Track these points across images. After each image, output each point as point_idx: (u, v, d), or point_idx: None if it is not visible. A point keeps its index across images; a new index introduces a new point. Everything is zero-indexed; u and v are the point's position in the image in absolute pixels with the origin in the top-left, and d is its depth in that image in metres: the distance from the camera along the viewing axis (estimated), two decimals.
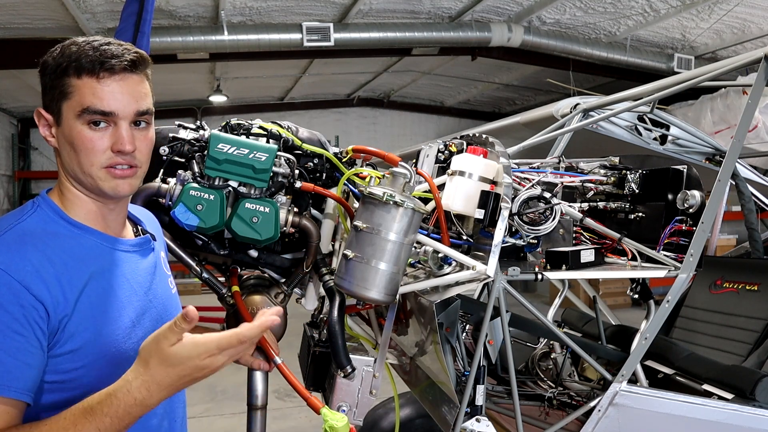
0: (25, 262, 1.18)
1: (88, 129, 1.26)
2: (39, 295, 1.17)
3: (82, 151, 1.27)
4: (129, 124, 1.29)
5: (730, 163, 2.26)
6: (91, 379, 1.24)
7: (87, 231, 1.32)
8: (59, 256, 1.23)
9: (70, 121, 1.27)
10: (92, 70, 1.25)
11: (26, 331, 1.15)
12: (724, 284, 3.19)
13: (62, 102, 1.27)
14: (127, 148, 1.28)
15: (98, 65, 1.25)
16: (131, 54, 1.29)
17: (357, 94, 14.08)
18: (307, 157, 1.89)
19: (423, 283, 1.95)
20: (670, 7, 7.74)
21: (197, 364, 1.15)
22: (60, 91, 1.27)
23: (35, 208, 1.31)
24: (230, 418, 5.23)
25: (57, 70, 1.27)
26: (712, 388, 2.31)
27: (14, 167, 13.07)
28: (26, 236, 1.23)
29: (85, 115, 1.26)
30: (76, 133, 1.26)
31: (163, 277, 1.50)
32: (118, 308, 1.31)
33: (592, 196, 2.61)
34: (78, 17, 7.31)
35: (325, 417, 1.63)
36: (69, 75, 1.26)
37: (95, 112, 1.26)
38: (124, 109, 1.28)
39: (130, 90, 1.29)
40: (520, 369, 2.82)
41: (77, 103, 1.26)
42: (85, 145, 1.27)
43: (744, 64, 2.52)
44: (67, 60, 1.26)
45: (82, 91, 1.26)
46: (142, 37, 2.84)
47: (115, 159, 1.29)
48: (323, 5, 7.85)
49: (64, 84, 1.26)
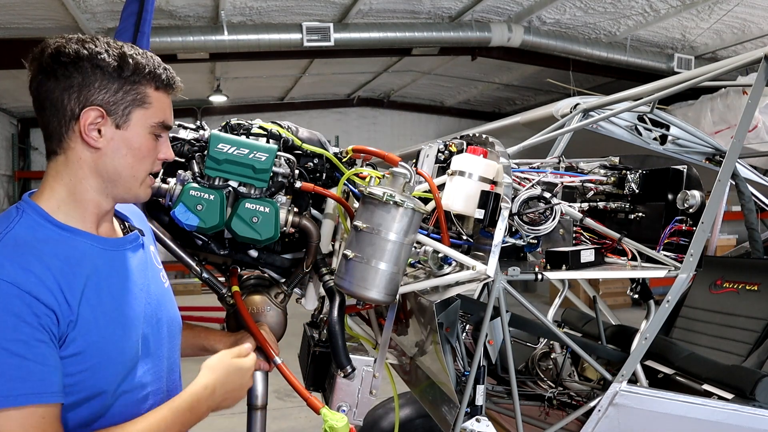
0: (28, 273, 1.17)
1: (153, 139, 1.36)
2: (48, 302, 1.18)
3: (143, 158, 1.35)
4: None
5: (730, 163, 2.26)
6: (98, 380, 1.25)
7: (76, 233, 1.31)
8: (55, 263, 1.22)
9: (139, 128, 1.33)
10: (167, 85, 1.36)
11: (45, 337, 1.17)
12: (724, 284, 3.19)
13: (135, 108, 1.31)
14: (172, 157, 1.42)
15: (170, 82, 1.36)
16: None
17: (357, 94, 14.08)
18: (307, 157, 1.89)
19: (423, 283, 1.95)
20: (670, 7, 7.74)
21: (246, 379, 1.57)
22: (135, 98, 1.31)
23: (20, 213, 1.28)
24: (230, 418, 5.22)
25: (133, 76, 1.29)
26: (712, 388, 2.31)
27: (14, 167, 13.07)
28: (20, 245, 1.21)
29: (158, 128, 1.35)
30: (144, 140, 1.34)
31: (155, 272, 1.49)
32: (116, 308, 1.31)
33: (592, 196, 2.61)
34: (78, 17, 7.31)
35: (325, 417, 1.63)
36: (144, 85, 1.32)
37: (166, 127, 1.38)
38: (172, 124, 1.43)
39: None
40: (520, 369, 2.82)
41: (154, 115, 1.34)
42: (150, 153, 1.36)
43: (744, 64, 2.52)
44: (140, 69, 1.30)
45: (160, 105, 1.35)
46: (142, 37, 2.83)
47: (158, 166, 1.41)
48: (323, 5, 7.85)
49: (141, 93, 1.31)
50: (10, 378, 1.12)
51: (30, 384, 1.13)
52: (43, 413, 1.15)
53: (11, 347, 1.12)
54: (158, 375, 1.41)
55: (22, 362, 1.13)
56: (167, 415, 1.32)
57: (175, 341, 1.52)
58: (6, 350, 1.12)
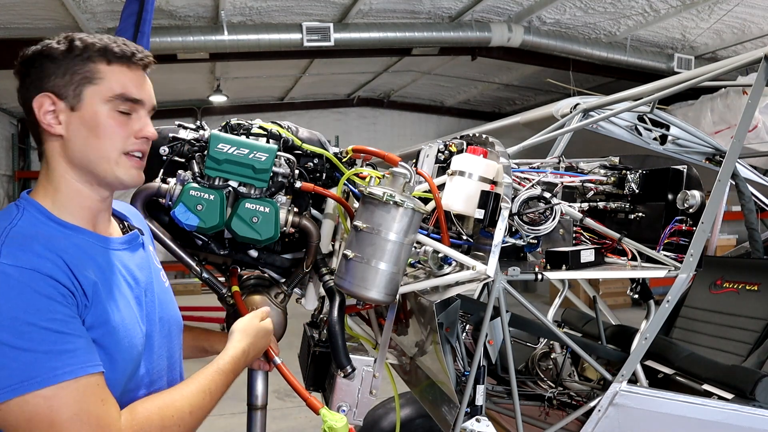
0: (41, 258, 1.19)
1: (116, 114, 1.30)
2: (66, 284, 1.19)
3: (107, 136, 1.30)
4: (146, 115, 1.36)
5: (730, 163, 2.26)
6: (109, 371, 1.24)
7: (78, 231, 1.31)
8: (64, 254, 1.23)
9: (95, 106, 1.29)
10: (123, 58, 1.31)
11: (75, 313, 1.20)
12: (724, 284, 3.19)
13: (85, 87, 1.28)
14: (151, 134, 1.35)
15: (129, 56, 1.31)
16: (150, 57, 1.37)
17: (357, 94, 14.07)
18: (307, 157, 1.89)
19: (423, 283, 1.95)
20: (670, 7, 7.74)
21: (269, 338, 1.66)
22: (83, 77, 1.28)
23: (21, 211, 1.28)
24: (230, 418, 5.21)
25: (77, 57, 1.28)
26: (712, 388, 2.31)
27: (14, 167, 13.06)
28: (27, 237, 1.22)
29: (116, 101, 1.30)
30: (104, 117, 1.29)
31: (155, 272, 1.50)
32: (124, 305, 1.31)
33: (592, 196, 2.61)
34: (78, 17, 7.31)
35: (324, 417, 1.63)
36: (94, 61, 1.29)
37: (128, 99, 1.31)
38: (147, 100, 1.36)
39: (148, 85, 1.37)
40: (520, 369, 2.82)
41: (108, 89, 1.29)
42: (112, 130, 1.30)
43: (744, 64, 2.52)
44: (89, 48, 1.28)
45: (115, 77, 1.30)
46: (142, 37, 2.84)
47: (136, 145, 1.34)
48: (323, 5, 7.85)
49: (89, 69, 1.28)
50: (59, 353, 1.14)
51: (79, 356, 1.16)
52: (96, 380, 1.18)
53: (51, 326, 1.14)
54: (159, 374, 1.42)
55: (66, 337, 1.15)
56: (216, 376, 1.40)
57: (176, 341, 1.52)
58: (47, 329, 1.14)
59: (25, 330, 1.12)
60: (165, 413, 1.26)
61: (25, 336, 1.12)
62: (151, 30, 2.92)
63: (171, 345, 1.49)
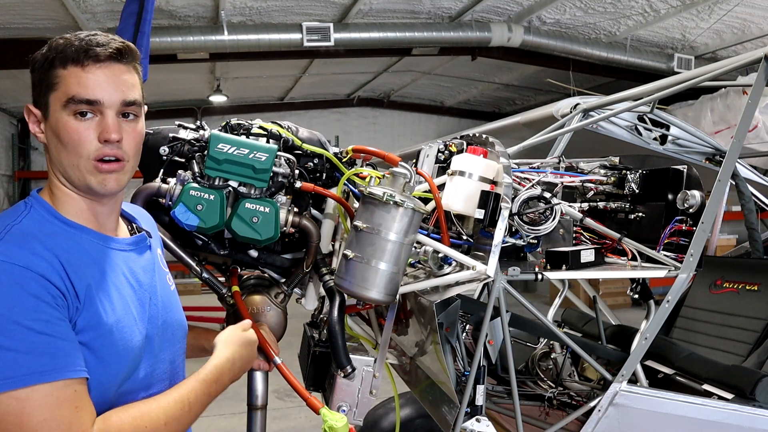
0: (37, 257, 1.19)
1: (74, 120, 1.25)
2: (58, 286, 1.19)
3: (69, 143, 1.26)
4: (116, 114, 1.28)
5: (730, 163, 2.26)
6: (99, 374, 1.24)
7: (82, 230, 1.31)
8: (62, 254, 1.23)
9: (56, 113, 1.26)
10: (77, 59, 1.24)
11: (63, 316, 1.19)
12: (724, 284, 3.19)
13: (49, 94, 1.26)
14: (113, 137, 1.26)
15: (83, 53, 1.24)
16: (117, 43, 1.28)
17: (357, 94, 14.08)
18: (307, 157, 1.89)
19: (423, 283, 1.95)
20: (670, 7, 7.75)
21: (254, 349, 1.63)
22: (47, 84, 1.26)
23: (28, 208, 1.29)
24: (230, 418, 5.23)
25: (44, 64, 1.26)
26: (712, 388, 2.31)
27: (14, 167, 13.07)
28: (28, 235, 1.22)
29: (71, 105, 1.24)
30: (63, 124, 1.25)
31: (161, 275, 1.49)
32: (122, 306, 1.31)
33: (592, 196, 2.61)
34: (78, 17, 7.31)
35: (324, 417, 1.63)
36: (55, 67, 1.25)
37: (80, 101, 1.24)
38: (109, 97, 1.26)
39: (116, 79, 1.27)
40: (520, 369, 2.82)
41: (63, 93, 1.25)
42: (71, 137, 1.25)
43: (744, 64, 2.52)
44: (54, 53, 1.26)
45: (67, 81, 1.24)
46: (142, 37, 2.84)
47: (102, 150, 1.27)
48: (323, 5, 7.85)
49: (51, 76, 1.26)
50: (39, 354, 1.13)
51: (59, 359, 1.15)
52: (74, 386, 1.16)
53: (35, 326, 1.14)
54: (160, 377, 1.41)
55: (48, 339, 1.14)
56: (196, 386, 1.37)
57: (179, 345, 1.51)
58: (31, 329, 1.13)
59: (8, 328, 1.12)
60: (138, 424, 1.23)
61: (8, 334, 1.11)
62: (151, 30, 2.92)
63: (174, 349, 1.48)
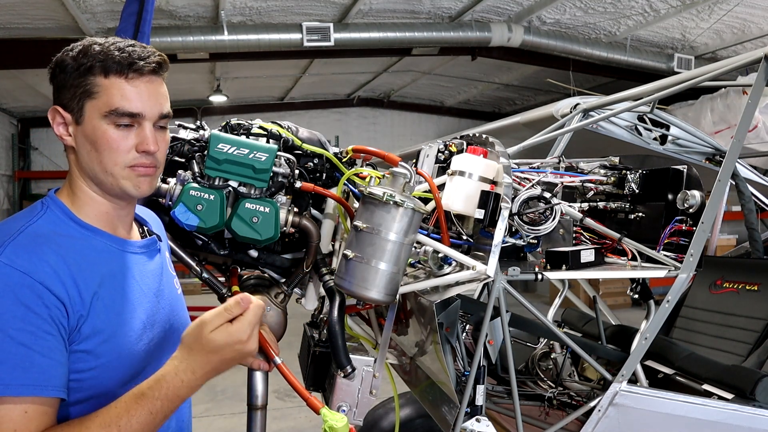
0: (43, 263, 1.18)
1: (113, 129, 1.27)
2: (59, 294, 1.18)
3: (107, 151, 1.28)
4: (153, 125, 1.31)
5: (730, 163, 2.26)
6: (104, 380, 1.25)
7: (96, 233, 1.33)
8: (72, 258, 1.23)
9: (94, 121, 1.27)
10: (120, 70, 1.26)
11: (54, 330, 1.17)
12: (724, 284, 3.19)
13: (86, 101, 1.27)
14: (152, 149, 1.30)
15: (126, 66, 1.27)
16: (156, 56, 1.32)
17: (357, 94, 14.08)
18: (307, 157, 1.89)
19: (423, 283, 1.95)
20: (670, 7, 7.74)
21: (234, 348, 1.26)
22: (84, 90, 1.27)
23: (45, 209, 1.30)
24: (230, 418, 5.23)
25: (80, 69, 1.27)
26: (712, 388, 2.31)
27: (14, 167, 13.07)
28: (39, 238, 1.23)
29: (112, 116, 1.27)
30: (101, 132, 1.27)
31: (169, 278, 1.50)
32: (130, 310, 1.32)
33: (592, 196, 2.61)
34: (78, 17, 7.31)
35: (325, 417, 1.63)
36: (95, 74, 1.26)
37: (124, 114, 1.27)
38: (150, 110, 1.30)
39: (155, 92, 1.31)
40: (520, 369, 2.82)
41: (104, 104, 1.26)
42: (111, 145, 1.27)
43: (744, 64, 2.52)
44: (92, 59, 1.26)
45: (110, 92, 1.26)
46: (142, 37, 2.84)
47: (139, 159, 1.30)
48: (323, 5, 7.85)
49: (89, 83, 1.26)
50: (12, 366, 1.12)
51: (31, 375, 1.13)
52: (39, 405, 1.14)
53: (17, 336, 1.13)
54: None
55: (27, 352, 1.13)
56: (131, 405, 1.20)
57: None
58: (12, 339, 1.12)
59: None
60: None
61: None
62: (151, 30, 2.92)
63: None
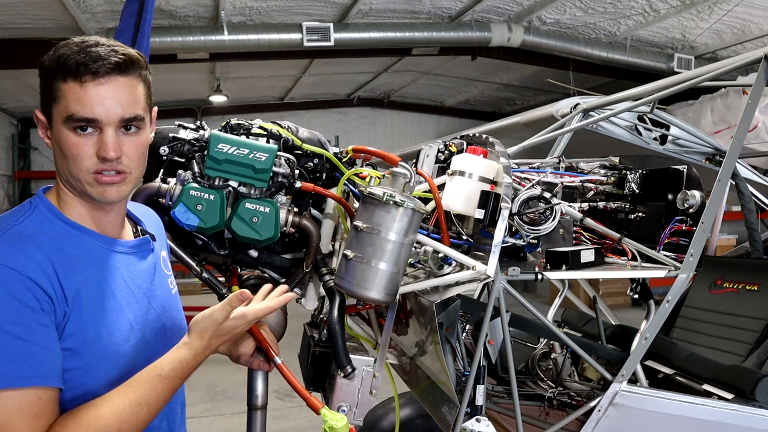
0: (29, 260, 1.19)
1: (74, 135, 1.24)
2: (46, 289, 1.19)
3: (69, 157, 1.26)
4: (115, 129, 1.26)
5: (730, 163, 2.26)
6: (90, 379, 1.25)
7: (84, 232, 1.32)
8: (57, 256, 1.24)
9: (58, 126, 1.26)
10: (76, 74, 1.22)
11: (47, 321, 1.18)
12: (724, 284, 3.19)
13: (53, 105, 1.26)
14: (110, 155, 1.25)
15: (82, 68, 1.22)
16: (118, 56, 1.24)
17: (357, 94, 14.08)
18: (307, 157, 1.89)
19: (423, 283, 1.95)
20: (670, 7, 7.74)
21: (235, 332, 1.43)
22: (50, 95, 1.26)
23: (32, 208, 1.31)
24: (230, 418, 5.23)
25: (48, 73, 1.25)
26: (712, 388, 2.31)
27: (14, 167, 13.06)
28: (24, 237, 1.23)
29: (70, 122, 1.24)
30: (63, 138, 1.25)
31: (162, 278, 1.49)
32: (116, 311, 1.31)
33: (592, 196, 2.61)
34: (78, 17, 7.31)
35: (325, 417, 1.63)
36: (57, 78, 1.24)
37: (79, 120, 1.23)
38: (107, 115, 1.24)
39: (116, 95, 1.25)
40: (520, 369, 2.82)
41: (63, 109, 1.24)
42: (71, 151, 1.25)
43: (744, 64, 2.52)
44: (56, 62, 1.24)
45: (67, 97, 1.23)
46: (142, 37, 2.84)
47: (100, 165, 1.26)
48: (323, 5, 7.85)
49: (54, 87, 1.25)
50: (11, 360, 1.13)
51: (31, 366, 1.14)
52: (41, 396, 1.15)
53: (13, 330, 1.13)
54: None
55: (24, 345, 1.14)
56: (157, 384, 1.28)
57: None
58: (8, 333, 1.13)
59: None
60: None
61: None
62: (151, 30, 2.92)
63: None
